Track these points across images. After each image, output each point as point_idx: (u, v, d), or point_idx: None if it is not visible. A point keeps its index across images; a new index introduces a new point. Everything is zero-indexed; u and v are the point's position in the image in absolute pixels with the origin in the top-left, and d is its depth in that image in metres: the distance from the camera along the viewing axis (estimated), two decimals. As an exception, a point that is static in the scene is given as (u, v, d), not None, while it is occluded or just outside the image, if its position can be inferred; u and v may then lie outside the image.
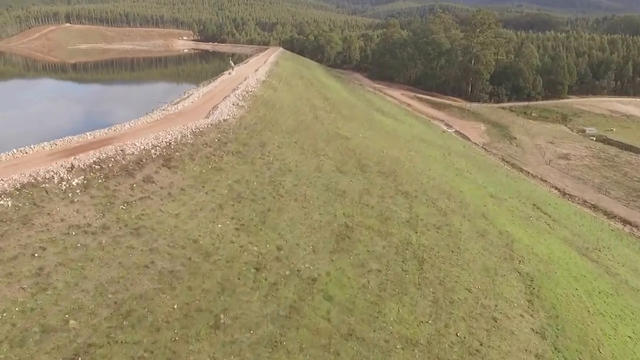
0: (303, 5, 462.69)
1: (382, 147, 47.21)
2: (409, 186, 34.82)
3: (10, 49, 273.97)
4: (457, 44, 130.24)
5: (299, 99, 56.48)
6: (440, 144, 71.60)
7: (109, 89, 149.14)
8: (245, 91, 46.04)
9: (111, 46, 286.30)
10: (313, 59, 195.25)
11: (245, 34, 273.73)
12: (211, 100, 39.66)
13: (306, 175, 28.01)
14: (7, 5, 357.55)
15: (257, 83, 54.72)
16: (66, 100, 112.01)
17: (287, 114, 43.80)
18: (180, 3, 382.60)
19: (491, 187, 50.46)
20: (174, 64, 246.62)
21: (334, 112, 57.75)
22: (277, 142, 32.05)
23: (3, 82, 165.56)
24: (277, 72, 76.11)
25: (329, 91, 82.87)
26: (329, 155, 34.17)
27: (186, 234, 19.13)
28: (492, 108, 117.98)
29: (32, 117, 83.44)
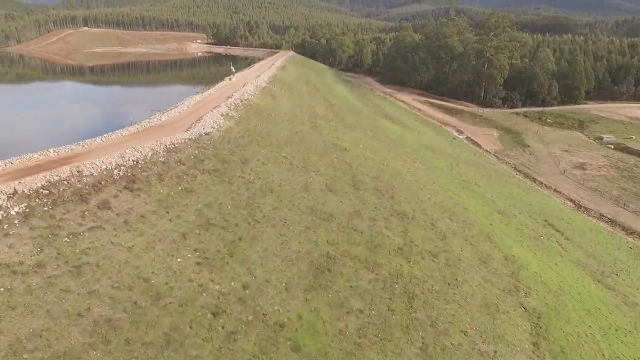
0: (317, 9, 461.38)
1: (383, 159, 44.42)
2: (406, 205, 32.00)
3: (29, 52, 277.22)
4: (470, 48, 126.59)
5: (299, 107, 53.97)
6: (449, 152, 68.44)
7: (128, 90, 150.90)
8: (240, 99, 43.67)
9: (126, 49, 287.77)
10: (325, 62, 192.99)
11: (257, 37, 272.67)
12: (200, 109, 37.39)
13: (290, 196, 25.45)
14: (28, 9, 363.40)
15: (255, 90, 52.36)
16: (86, 102, 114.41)
17: (281, 124, 41.30)
18: (196, 6, 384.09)
19: (500, 201, 47.29)
20: (188, 67, 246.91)
21: (336, 120, 55.11)
22: (263, 158, 29.55)
23: (27, 85, 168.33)
24: (281, 78, 73.76)
25: (335, 97, 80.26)
26: (320, 171, 31.55)
27: (137, 271, 16.70)
28: (505, 114, 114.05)
29: (50, 119, 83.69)
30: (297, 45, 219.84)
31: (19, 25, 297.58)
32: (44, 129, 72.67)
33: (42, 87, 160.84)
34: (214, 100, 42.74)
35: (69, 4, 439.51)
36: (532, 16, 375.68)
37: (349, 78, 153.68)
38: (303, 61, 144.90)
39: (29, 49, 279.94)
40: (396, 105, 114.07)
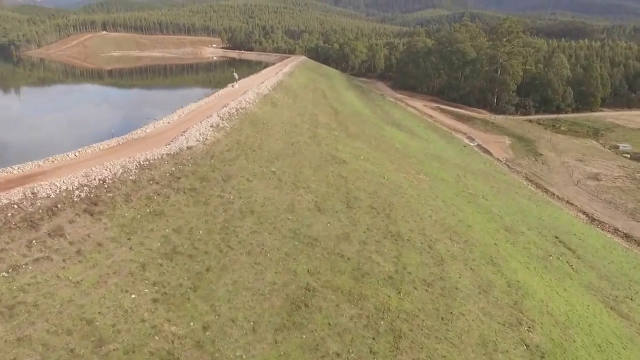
0: (332, 14, 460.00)
1: (384, 172, 42.02)
2: (403, 224, 29.60)
3: (49, 55, 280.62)
4: (483, 53, 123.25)
5: (300, 115, 51.86)
6: (458, 162, 65.64)
7: (147, 93, 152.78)
8: (236, 108, 41.70)
9: (143, 53, 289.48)
10: (338, 67, 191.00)
11: (272, 41, 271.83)
12: (191, 120, 35.51)
13: (272, 218, 23.29)
14: (49, 14, 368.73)
15: (255, 97, 50.40)
16: (104, 105, 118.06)
17: (277, 135, 39.20)
18: (213, 11, 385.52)
19: (508, 216, 44.50)
20: (204, 71, 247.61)
21: (339, 129, 52.86)
22: (249, 173, 27.44)
23: (47, 88, 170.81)
24: (287, 84, 71.77)
25: (342, 104, 77.98)
26: (311, 187, 29.33)
27: (80, 311, 14.69)
28: (518, 121, 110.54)
29: (64, 122, 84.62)
30: (311, 50, 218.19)
31: (39, 30, 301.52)
32: (53, 133, 74.04)
33: (62, 90, 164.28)
34: (208, 109, 40.85)
35: (90, 9, 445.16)
36: (548, 21, 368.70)
37: (360, 83, 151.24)
38: (314, 66, 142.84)
39: (49, 53, 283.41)
40: (406, 112, 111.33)
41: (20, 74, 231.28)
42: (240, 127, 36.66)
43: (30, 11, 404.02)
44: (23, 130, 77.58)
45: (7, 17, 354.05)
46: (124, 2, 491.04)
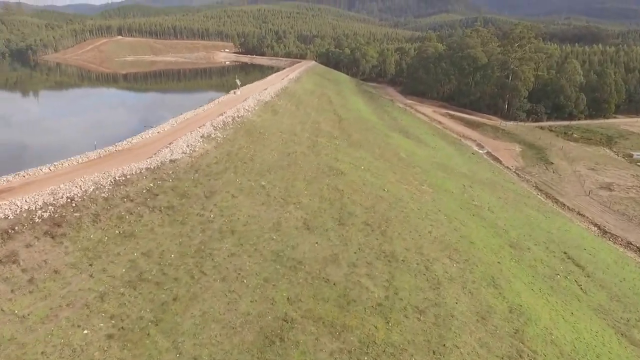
0: (345, 19, 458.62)
1: (385, 183, 40.15)
2: (399, 243, 27.72)
3: (65, 60, 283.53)
4: (494, 59, 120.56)
5: (301, 123, 50.22)
6: (465, 171, 63.40)
7: (163, 97, 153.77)
8: (232, 116, 40.21)
9: (156, 58, 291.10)
10: (348, 72, 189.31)
11: (284, 46, 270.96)
12: (184, 129, 34.07)
13: (254, 238, 21.65)
14: (67, 19, 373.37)
15: (255, 105, 48.91)
16: (122, 108, 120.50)
17: (273, 145, 37.59)
18: (226, 16, 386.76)
19: (514, 230, 42.26)
20: (217, 75, 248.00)
21: (341, 138, 51.11)
22: (235, 188, 25.83)
23: (69, 91, 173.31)
24: (292, 90, 70.24)
25: (348, 110, 76.19)
26: (302, 203, 27.62)
27: (22, 351, 13.15)
28: (529, 127, 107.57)
29: (79, 125, 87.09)
30: (322, 55, 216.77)
31: (56, 35, 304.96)
32: (68, 135, 75.71)
33: (79, 93, 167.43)
34: (204, 118, 39.42)
35: (107, 14, 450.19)
36: (562, 26, 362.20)
37: (370, 89, 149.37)
38: (323, 72, 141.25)
39: (65, 57, 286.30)
40: (415, 118, 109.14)
41: (37, 78, 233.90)
42: (234, 137, 35.12)
43: (50, 16, 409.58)
44: (40, 133, 79.25)
45: (26, 22, 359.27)
46: (141, 8, 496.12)
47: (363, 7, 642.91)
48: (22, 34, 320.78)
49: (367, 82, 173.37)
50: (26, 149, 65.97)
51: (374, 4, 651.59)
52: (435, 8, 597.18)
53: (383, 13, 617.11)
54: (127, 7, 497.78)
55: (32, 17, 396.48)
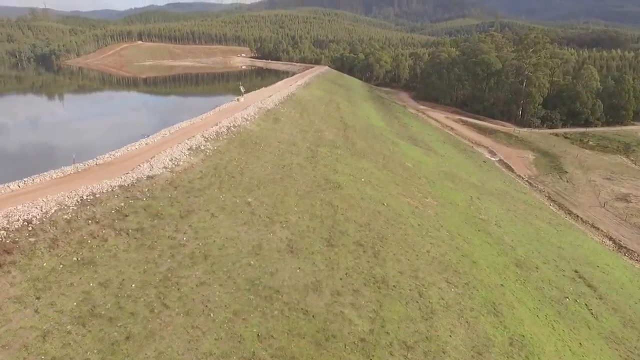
0: (362, 24, 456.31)
1: (385, 196, 38.02)
2: (393, 265, 25.61)
3: (87, 64, 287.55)
4: (508, 65, 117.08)
5: (303, 132, 48.38)
6: (474, 180, 60.75)
7: (183, 100, 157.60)
8: (228, 126, 38.56)
9: (174, 62, 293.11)
10: (362, 77, 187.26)
11: (299, 51, 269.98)
12: (174, 140, 32.52)
13: (229, 264, 19.83)
14: (91, 25, 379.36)
15: (256, 113, 47.26)
16: (146, 110, 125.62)
17: (268, 157, 35.78)
18: (244, 21, 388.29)
19: (522, 246, 39.69)
20: (234, 79, 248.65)
21: (345, 147, 49.11)
22: (217, 207, 24.06)
23: (93, 95, 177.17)
24: (298, 97, 68.50)
25: (356, 117, 74.10)
26: (290, 221, 25.72)
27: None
28: (543, 134, 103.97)
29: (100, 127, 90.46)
30: (336, 60, 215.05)
31: (79, 40, 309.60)
32: (93, 136, 79.20)
33: (103, 96, 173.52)
34: (199, 127, 37.84)
35: (129, 19, 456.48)
36: (580, 30, 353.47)
37: (382, 94, 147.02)
38: (335, 77, 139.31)
39: (87, 62, 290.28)
40: (427, 124, 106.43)
41: (60, 81, 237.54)
42: (226, 149, 33.42)
43: (74, 22, 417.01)
44: (62, 135, 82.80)
45: (51, 27, 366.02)
46: (162, 13, 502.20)
47: (380, 12, 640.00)
48: (47, 39, 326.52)
49: (380, 87, 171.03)
50: (51, 149, 69.17)
51: (391, 9, 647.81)
52: (451, 13, 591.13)
53: (399, 18, 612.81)
54: (148, 12, 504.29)
55: (58, 22, 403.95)
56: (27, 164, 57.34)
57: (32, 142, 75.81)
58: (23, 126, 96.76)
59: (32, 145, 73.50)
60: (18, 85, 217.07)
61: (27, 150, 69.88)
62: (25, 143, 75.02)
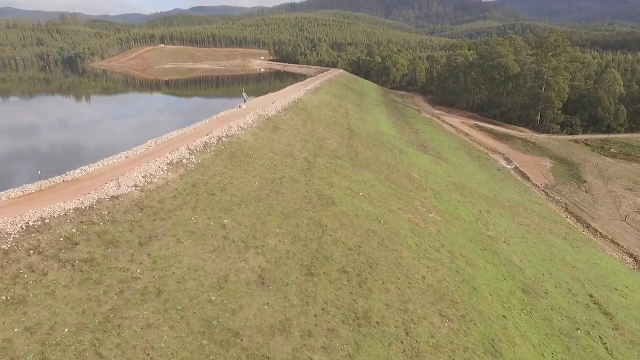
0: (381, 26, 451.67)
1: (383, 213, 35.25)
2: (380, 297, 22.92)
3: (111, 67, 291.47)
4: (527, 69, 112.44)
5: (304, 141, 45.93)
6: (485, 191, 57.31)
7: (206, 101, 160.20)
8: (219, 137, 36.34)
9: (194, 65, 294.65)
10: (379, 80, 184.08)
11: (316, 54, 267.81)
12: (158, 152, 30.46)
13: (186, 301, 17.49)
14: (116, 29, 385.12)
15: (255, 121, 45.01)
16: (171, 111, 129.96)
17: (258, 170, 33.41)
18: (264, 24, 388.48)
19: (532, 267, 36.40)
20: (254, 82, 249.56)
21: (346, 157, 46.47)
22: (185, 231, 21.77)
23: (118, 97, 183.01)
24: (305, 103, 66.08)
25: (365, 123, 71.27)
26: (267, 246, 23.28)
27: None
28: (562, 141, 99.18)
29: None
30: (353, 63, 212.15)
31: (103, 43, 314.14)
32: (116, 136, 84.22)
33: (129, 98, 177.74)
34: (189, 137, 35.69)
35: (153, 23, 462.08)
36: (605, 32, 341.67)
37: (397, 98, 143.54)
38: (348, 81, 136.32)
39: (110, 65, 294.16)
40: (441, 130, 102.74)
41: (86, 84, 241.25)
42: (212, 162, 31.16)
43: (101, 26, 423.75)
44: (89, 135, 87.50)
45: (79, 31, 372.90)
46: (185, 17, 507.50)
47: (400, 14, 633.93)
48: (73, 42, 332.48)
49: (396, 91, 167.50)
50: (79, 148, 74.62)
51: (411, 12, 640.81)
52: (472, 15, 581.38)
53: (420, 20, 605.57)
54: (172, 16, 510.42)
55: (85, 26, 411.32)
56: (52, 165, 61.78)
57: (59, 142, 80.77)
58: (49, 127, 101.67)
59: (59, 144, 78.66)
60: (47, 87, 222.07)
61: (55, 150, 74.37)
62: (51, 143, 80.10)
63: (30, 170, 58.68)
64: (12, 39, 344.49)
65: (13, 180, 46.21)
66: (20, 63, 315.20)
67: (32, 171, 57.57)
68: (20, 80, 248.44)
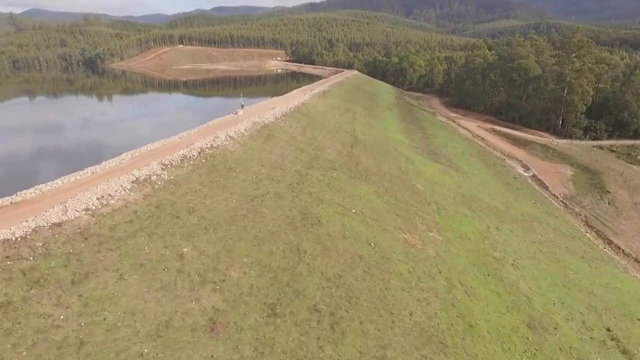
0: (401, 26, 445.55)
1: (376, 233, 32.23)
2: (353, 341, 19.97)
3: (130, 67, 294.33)
4: (549, 70, 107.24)
5: (299, 150, 43.18)
6: (497, 204, 53.58)
7: (226, 101, 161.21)
8: (202, 148, 33.84)
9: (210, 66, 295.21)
10: (395, 81, 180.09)
11: (332, 55, 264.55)
12: (129, 167, 28.11)
13: (111, 355, 14.92)
14: (137, 29, 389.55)
15: (247, 129, 42.48)
16: (191, 110, 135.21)
17: (239, 185, 30.78)
18: (283, 24, 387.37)
19: (542, 295, 32.86)
20: (272, 82, 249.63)
21: (344, 168, 43.54)
22: (132, 264, 19.24)
23: (140, 96, 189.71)
24: (308, 108, 63.33)
25: (372, 129, 68.10)
26: (229, 279, 20.60)
27: None
28: (585, 147, 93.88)
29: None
30: (369, 64, 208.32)
31: (123, 44, 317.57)
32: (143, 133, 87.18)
33: (151, 97, 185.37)
34: (170, 149, 33.31)
35: (174, 23, 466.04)
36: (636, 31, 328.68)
37: (412, 100, 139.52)
38: (361, 82, 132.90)
39: (129, 65, 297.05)
40: (455, 134, 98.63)
41: (106, 84, 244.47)
42: (186, 178, 28.65)
43: (123, 27, 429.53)
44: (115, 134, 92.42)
45: (101, 32, 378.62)
46: (206, 17, 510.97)
47: (420, 13, 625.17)
48: (94, 42, 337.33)
49: (412, 93, 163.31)
50: (100, 145, 78.81)
51: (432, 11, 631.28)
52: (495, 14, 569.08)
53: (440, 19, 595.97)
54: (192, 16, 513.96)
55: (107, 27, 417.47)
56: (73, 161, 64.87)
57: (81, 140, 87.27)
58: (72, 125, 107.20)
59: (81, 142, 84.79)
60: (70, 87, 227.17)
61: (79, 148, 79.77)
62: (73, 141, 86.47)
63: (43, 169, 61.04)
64: (36, 40, 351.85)
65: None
66: (43, 64, 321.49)
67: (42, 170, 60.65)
68: (44, 81, 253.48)
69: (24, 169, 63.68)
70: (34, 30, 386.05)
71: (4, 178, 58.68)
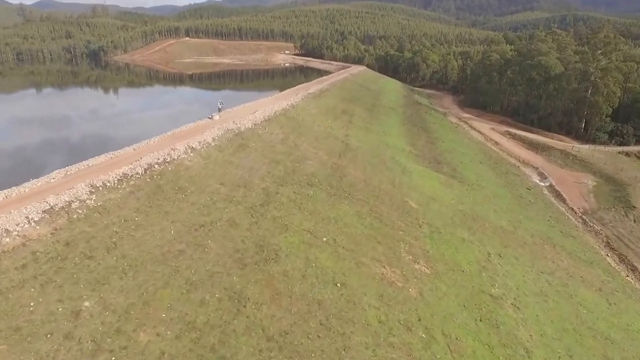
0: (418, 18, 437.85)
1: (346, 268, 28.12)
2: None
3: (133, 60, 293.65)
4: (571, 68, 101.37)
5: (273, 163, 39.24)
6: (503, 223, 48.99)
7: (237, 94, 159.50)
8: (150, 163, 29.90)
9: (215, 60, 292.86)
10: (407, 77, 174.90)
11: (343, 48, 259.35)
12: (51, 190, 24.56)
13: None
14: (144, 21, 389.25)
15: (215, 138, 38.62)
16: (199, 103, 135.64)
17: (186, 210, 26.92)
18: (294, 16, 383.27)
19: (545, 346, 28.43)
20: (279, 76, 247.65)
21: (325, 183, 39.48)
22: (7, 328, 15.65)
23: (147, 89, 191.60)
24: (297, 111, 59.32)
25: (368, 133, 63.79)
26: (137, 344, 16.73)
27: None
28: (610, 153, 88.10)
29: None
30: (380, 58, 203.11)
31: (127, 36, 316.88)
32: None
33: (158, 90, 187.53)
34: (112, 165, 29.76)
35: (183, 15, 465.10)
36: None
37: (423, 98, 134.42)
38: (367, 79, 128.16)
39: (133, 58, 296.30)
40: (465, 138, 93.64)
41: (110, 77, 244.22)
42: (120, 203, 24.90)
43: (130, 18, 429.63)
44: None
45: (107, 24, 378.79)
46: (216, 8, 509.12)
47: (439, 5, 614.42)
48: (99, 35, 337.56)
49: (424, 90, 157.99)
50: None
51: (451, 2, 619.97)
52: (518, 5, 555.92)
53: (461, 11, 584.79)
54: (202, 8, 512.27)
55: (115, 19, 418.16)
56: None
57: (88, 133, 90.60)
58: (77, 119, 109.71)
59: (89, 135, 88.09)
60: (74, 79, 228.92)
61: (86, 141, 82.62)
62: (80, 134, 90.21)
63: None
64: (42, 32, 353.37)
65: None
66: (47, 56, 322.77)
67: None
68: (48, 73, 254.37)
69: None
70: (41, 22, 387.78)
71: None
